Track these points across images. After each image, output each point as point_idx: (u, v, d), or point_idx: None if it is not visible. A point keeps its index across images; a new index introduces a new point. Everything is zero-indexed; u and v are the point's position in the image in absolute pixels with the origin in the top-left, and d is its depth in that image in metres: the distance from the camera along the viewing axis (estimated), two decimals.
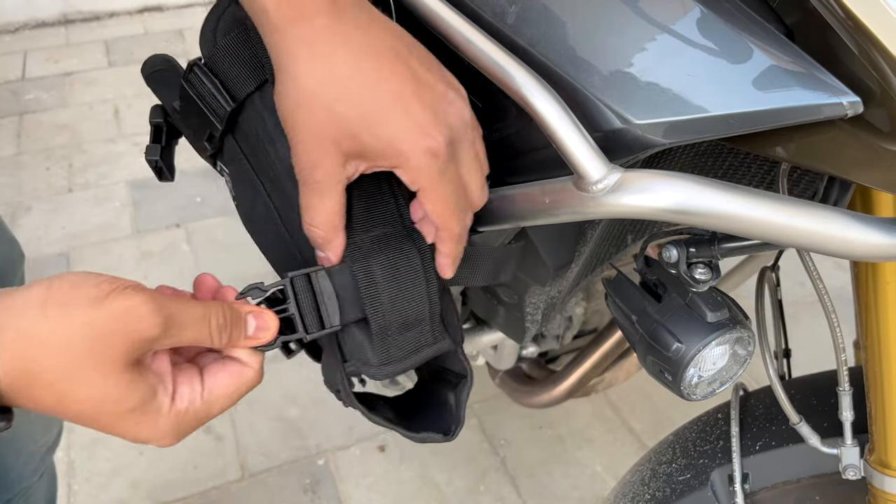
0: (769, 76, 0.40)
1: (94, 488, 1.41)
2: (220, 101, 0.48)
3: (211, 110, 0.48)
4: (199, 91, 0.48)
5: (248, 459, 1.46)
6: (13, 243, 0.81)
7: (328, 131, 0.41)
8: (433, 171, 0.42)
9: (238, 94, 0.48)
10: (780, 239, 0.40)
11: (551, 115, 0.41)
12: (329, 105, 0.40)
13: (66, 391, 0.36)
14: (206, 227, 2.07)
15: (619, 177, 0.41)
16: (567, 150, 0.41)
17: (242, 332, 0.44)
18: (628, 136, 0.43)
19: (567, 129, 0.41)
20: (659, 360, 0.52)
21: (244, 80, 0.47)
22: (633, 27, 0.43)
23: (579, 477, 1.43)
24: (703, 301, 0.51)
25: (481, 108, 0.49)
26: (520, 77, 0.42)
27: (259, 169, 0.49)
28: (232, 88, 0.48)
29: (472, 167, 0.45)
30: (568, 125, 0.41)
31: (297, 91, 0.40)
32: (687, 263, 0.50)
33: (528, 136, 0.47)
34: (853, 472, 0.60)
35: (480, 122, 0.50)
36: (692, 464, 0.73)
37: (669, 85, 0.42)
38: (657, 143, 0.42)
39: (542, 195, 0.45)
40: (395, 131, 0.41)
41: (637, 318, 0.53)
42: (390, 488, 1.41)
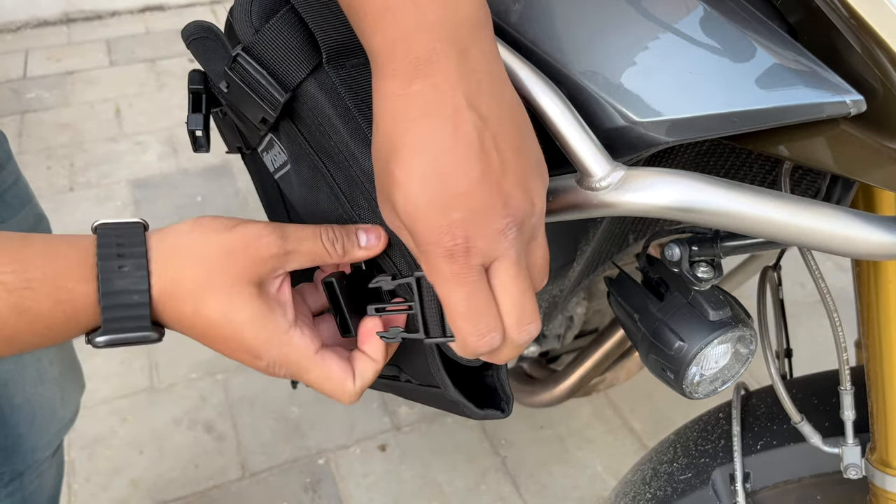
0: (772, 74, 0.40)
1: (95, 487, 1.41)
2: (270, 92, 0.45)
3: (262, 98, 0.46)
4: (245, 80, 0.45)
5: (249, 458, 1.46)
6: (41, 218, 0.82)
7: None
8: (445, 271, 0.37)
9: (289, 83, 0.45)
10: (783, 237, 0.40)
11: (555, 113, 0.42)
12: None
13: (201, 299, 0.41)
14: None
15: (622, 174, 0.41)
16: (571, 148, 0.41)
17: (355, 243, 0.46)
18: (631, 134, 0.43)
19: (571, 126, 0.41)
20: (661, 359, 0.52)
21: (295, 67, 0.45)
22: (636, 25, 0.43)
23: (580, 477, 1.43)
24: (705, 299, 0.51)
25: None
26: (524, 75, 0.42)
27: (321, 151, 0.48)
28: (282, 76, 0.45)
29: (508, 282, 0.38)
30: (572, 123, 0.41)
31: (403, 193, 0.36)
32: (689, 262, 0.51)
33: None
34: (854, 472, 0.60)
35: None
36: (693, 463, 0.73)
37: (673, 83, 0.42)
38: (660, 142, 0.42)
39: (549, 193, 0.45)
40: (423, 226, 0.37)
41: (639, 316, 0.54)
42: (391, 488, 1.41)
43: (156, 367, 1.65)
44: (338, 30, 0.44)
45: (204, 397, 1.58)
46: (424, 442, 1.49)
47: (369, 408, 1.56)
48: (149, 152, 2.38)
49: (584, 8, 0.44)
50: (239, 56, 0.45)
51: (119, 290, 0.39)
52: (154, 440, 1.50)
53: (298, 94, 0.46)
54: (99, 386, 1.60)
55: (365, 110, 0.45)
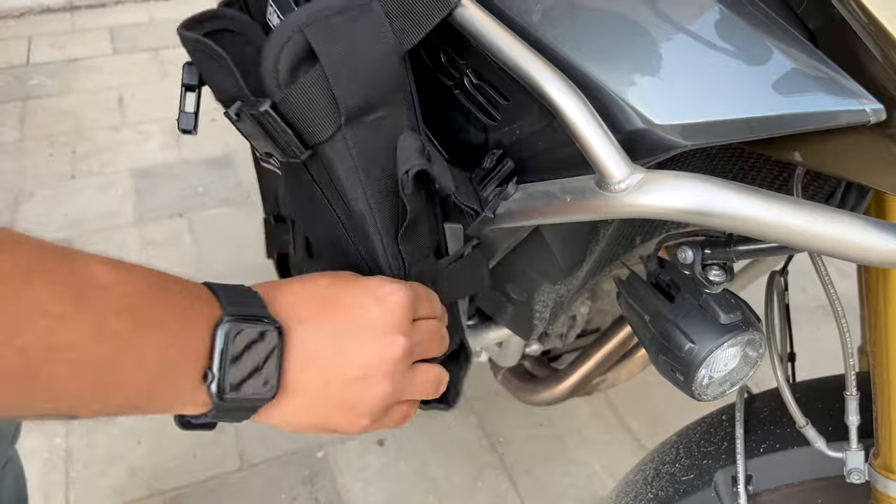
0: (792, 81, 0.41)
1: (93, 475, 1.41)
2: (290, 147, 0.45)
3: (279, 147, 0.46)
4: (265, 128, 0.45)
5: (247, 450, 1.46)
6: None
7: None
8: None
9: (309, 142, 0.45)
10: (798, 243, 0.41)
11: (576, 115, 0.42)
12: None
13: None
14: (208, 217, 2.07)
15: (641, 177, 0.41)
16: (591, 150, 0.42)
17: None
18: (650, 137, 0.43)
19: (591, 128, 0.42)
20: (671, 360, 0.52)
21: (317, 131, 0.45)
22: (657, 29, 0.43)
23: (577, 476, 1.44)
24: (716, 302, 0.51)
25: (507, 104, 0.50)
26: (545, 76, 0.43)
27: (330, 196, 0.49)
28: (303, 135, 0.45)
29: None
30: (592, 125, 0.42)
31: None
32: (702, 265, 0.51)
33: (550, 134, 0.48)
34: (857, 476, 0.60)
35: (504, 119, 0.50)
36: (696, 464, 0.73)
37: (693, 87, 0.42)
38: (679, 145, 0.42)
39: (562, 193, 0.45)
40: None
41: (650, 317, 0.54)
42: (388, 482, 1.41)
43: None
44: (359, 92, 0.44)
45: None
46: (422, 437, 1.50)
47: None
48: (151, 142, 2.37)
49: (606, 10, 0.44)
50: (267, 112, 0.43)
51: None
52: (152, 429, 1.50)
53: (316, 151, 0.47)
54: None
55: (373, 173, 0.47)
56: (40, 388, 0.32)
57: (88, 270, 0.34)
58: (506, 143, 0.51)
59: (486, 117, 0.51)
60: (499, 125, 0.51)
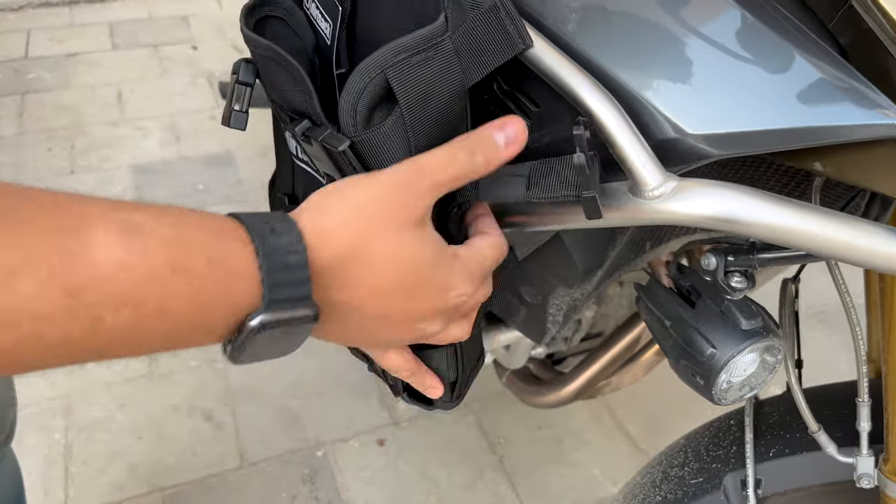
0: (823, 93, 0.42)
1: (92, 471, 1.41)
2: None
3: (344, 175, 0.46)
4: (336, 160, 0.45)
5: (248, 448, 1.46)
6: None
7: None
8: None
9: None
10: (826, 252, 0.42)
11: (612, 123, 0.43)
12: None
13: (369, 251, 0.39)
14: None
15: (675, 185, 0.42)
16: (626, 157, 0.43)
17: (495, 147, 0.44)
18: (682, 146, 0.44)
19: (627, 137, 0.43)
20: (692, 365, 0.53)
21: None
22: (689, 39, 0.44)
23: (576, 478, 1.45)
24: (738, 309, 0.52)
25: (536, 111, 0.51)
26: (583, 85, 0.43)
27: None
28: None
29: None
30: (627, 133, 0.43)
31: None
32: (724, 271, 0.52)
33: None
34: (867, 481, 0.62)
35: (534, 125, 0.51)
36: (705, 468, 0.74)
37: (725, 97, 0.43)
38: (711, 155, 0.43)
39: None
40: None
41: (671, 323, 0.55)
42: (388, 482, 1.42)
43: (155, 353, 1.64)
44: (429, 131, 0.45)
45: (203, 385, 1.58)
46: (422, 437, 1.50)
47: (368, 402, 1.57)
48: (150, 138, 2.37)
49: (639, 20, 0.45)
50: (346, 151, 0.43)
51: (275, 248, 0.35)
52: (152, 426, 1.50)
53: None
54: (97, 370, 1.60)
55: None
56: (37, 367, 0.31)
57: (88, 254, 0.31)
58: (532, 147, 0.52)
59: None
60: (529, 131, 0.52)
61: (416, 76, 0.42)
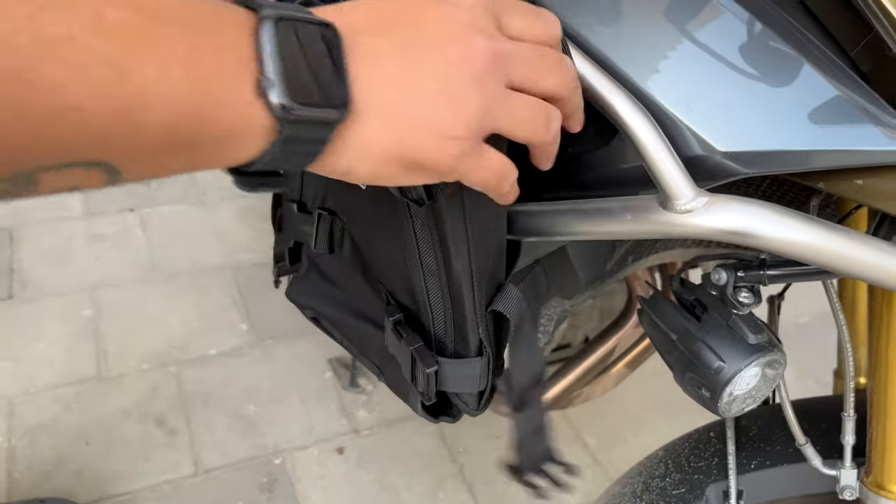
0: (849, 118, 0.43)
1: (37, 476, 1.35)
2: (420, 197, 0.45)
3: (402, 191, 0.45)
4: None
5: (203, 455, 1.42)
6: None
7: None
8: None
9: (433, 192, 0.45)
10: (851, 272, 0.43)
11: (646, 137, 0.43)
12: None
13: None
14: (160, 213, 2.01)
15: (706, 200, 0.43)
16: (659, 171, 0.43)
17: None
18: (709, 163, 0.45)
19: (661, 152, 0.43)
20: (698, 377, 0.54)
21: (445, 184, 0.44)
22: (722, 60, 0.45)
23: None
24: (744, 323, 0.54)
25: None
26: (619, 100, 0.44)
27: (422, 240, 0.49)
28: (431, 187, 0.44)
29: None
30: (662, 149, 0.43)
31: None
32: (733, 287, 0.53)
33: (604, 153, 0.49)
34: (850, 493, 0.64)
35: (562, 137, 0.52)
36: (687, 479, 0.76)
37: (754, 117, 0.44)
38: (739, 172, 0.44)
39: (622, 211, 0.47)
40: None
41: (678, 336, 0.56)
42: (348, 490, 1.40)
43: (104, 355, 1.59)
44: None
45: (155, 389, 1.54)
46: (382, 446, 1.49)
47: (328, 409, 1.55)
48: None
49: (673, 39, 0.46)
50: None
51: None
52: (101, 431, 1.44)
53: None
54: (42, 372, 1.53)
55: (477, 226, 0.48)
56: (45, 103, 0.26)
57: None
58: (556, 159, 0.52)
59: None
60: None
61: None
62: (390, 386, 0.63)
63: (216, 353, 1.63)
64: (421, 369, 0.52)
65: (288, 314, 1.74)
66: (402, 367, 0.56)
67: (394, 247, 0.52)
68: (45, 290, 1.73)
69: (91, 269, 1.80)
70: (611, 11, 0.47)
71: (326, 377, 1.62)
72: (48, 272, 1.78)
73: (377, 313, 0.61)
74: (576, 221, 0.50)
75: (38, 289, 1.73)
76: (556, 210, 0.51)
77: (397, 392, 0.62)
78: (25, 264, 1.79)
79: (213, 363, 1.61)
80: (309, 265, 0.68)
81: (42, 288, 1.73)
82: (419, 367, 0.53)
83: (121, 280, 1.78)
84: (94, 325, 1.66)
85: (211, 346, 1.65)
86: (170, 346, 1.64)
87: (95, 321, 1.67)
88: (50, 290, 1.73)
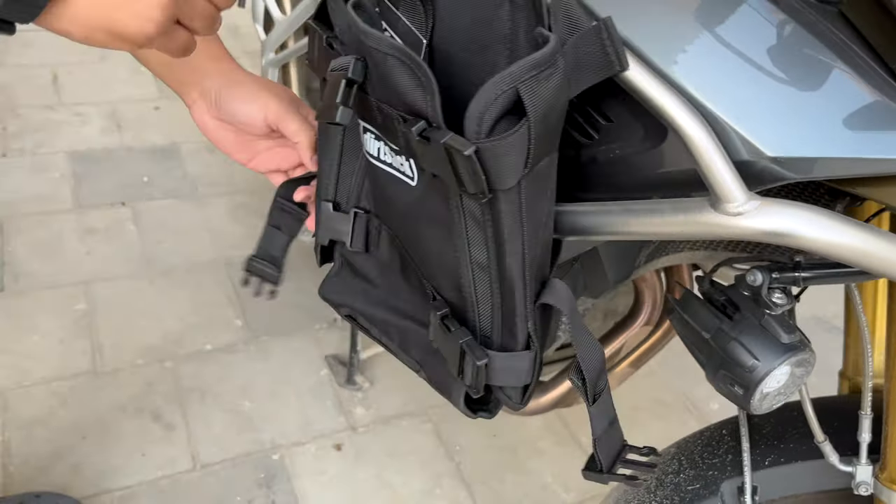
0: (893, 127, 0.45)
1: (33, 471, 1.34)
2: (479, 190, 0.46)
3: (461, 183, 0.46)
4: (456, 165, 0.45)
5: (200, 450, 1.42)
6: None
7: None
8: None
9: (493, 187, 0.46)
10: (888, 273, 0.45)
11: (702, 143, 0.45)
12: None
13: None
14: (153, 208, 2.00)
15: (758, 204, 0.45)
16: (712, 174, 0.45)
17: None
18: (758, 167, 0.47)
19: (715, 154, 0.45)
20: (732, 375, 0.56)
21: (509, 177, 0.45)
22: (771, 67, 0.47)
23: (530, 486, 1.47)
24: (778, 323, 0.55)
25: (608, 125, 0.52)
26: (674, 105, 0.46)
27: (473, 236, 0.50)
28: (493, 181, 0.45)
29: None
30: (715, 152, 0.45)
31: None
32: (768, 288, 0.55)
33: (655, 156, 0.51)
34: (865, 489, 0.66)
35: (603, 138, 0.53)
36: (701, 475, 0.78)
37: (803, 123, 0.46)
38: (786, 177, 0.46)
39: (674, 212, 0.48)
40: None
41: (711, 335, 0.58)
42: (347, 487, 1.41)
43: (99, 349, 1.58)
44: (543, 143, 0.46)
45: (151, 384, 1.53)
46: (380, 443, 1.50)
47: (324, 405, 1.55)
48: (89, 125, 2.27)
49: (723, 45, 0.48)
50: (471, 156, 0.43)
51: None
52: (97, 426, 1.43)
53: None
54: (35, 366, 1.52)
55: (531, 223, 0.49)
56: None
57: None
58: (600, 160, 0.54)
59: (581, 135, 0.54)
60: (595, 143, 0.54)
61: (543, 92, 0.43)
62: (430, 381, 0.64)
63: (211, 349, 1.63)
64: (470, 362, 0.53)
65: (282, 311, 1.74)
66: (447, 362, 0.57)
67: (443, 243, 0.53)
68: (36, 284, 1.71)
69: (83, 262, 1.79)
70: (663, 22, 0.49)
71: (322, 374, 1.62)
72: (39, 265, 1.76)
73: (418, 310, 0.62)
74: (624, 221, 0.51)
75: (29, 282, 1.71)
76: (602, 210, 0.53)
77: (438, 387, 0.63)
78: (15, 257, 1.77)
79: (209, 359, 1.61)
80: (342, 264, 0.68)
81: (34, 281, 1.71)
82: (468, 360, 0.54)
83: (114, 274, 1.77)
84: (88, 320, 1.64)
85: (206, 341, 1.64)
86: (165, 341, 1.63)
87: (89, 315, 1.65)
88: (42, 283, 1.71)
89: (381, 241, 0.64)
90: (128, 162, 2.15)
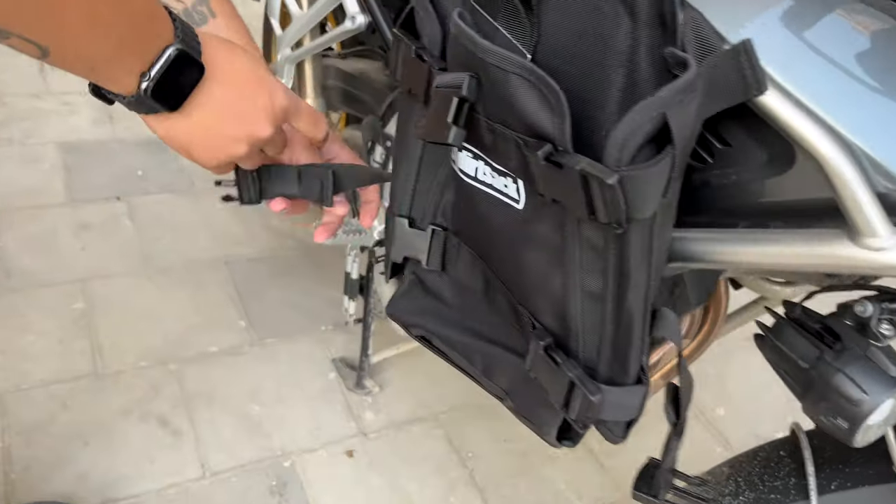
0: None
1: (35, 479, 1.28)
2: (614, 219, 0.43)
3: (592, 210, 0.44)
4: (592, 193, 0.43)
5: (210, 457, 1.38)
6: None
7: None
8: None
9: (632, 217, 0.44)
10: None
11: (844, 173, 0.43)
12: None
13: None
14: (149, 203, 1.94)
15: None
16: (853, 207, 0.43)
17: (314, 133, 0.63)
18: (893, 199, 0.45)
19: (858, 187, 0.43)
20: (835, 407, 0.54)
21: (647, 207, 0.43)
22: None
23: (544, 493, 1.46)
24: (886, 355, 0.54)
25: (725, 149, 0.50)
26: (815, 133, 0.43)
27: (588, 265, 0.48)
28: (631, 211, 0.43)
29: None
30: (859, 183, 0.43)
31: None
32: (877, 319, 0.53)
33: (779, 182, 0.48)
34: None
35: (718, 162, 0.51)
36: (762, 498, 0.76)
37: None
38: None
39: (804, 243, 0.46)
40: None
41: (811, 365, 0.56)
42: (360, 494, 1.38)
43: (99, 350, 1.52)
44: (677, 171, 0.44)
45: (156, 388, 1.48)
46: (392, 449, 1.47)
47: (333, 410, 1.52)
48: (78, 115, 2.20)
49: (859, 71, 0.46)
50: (614, 185, 0.41)
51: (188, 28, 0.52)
52: (101, 431, 1.38)
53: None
54: (34, 367, 1.46)
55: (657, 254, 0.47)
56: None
57: None
58: (714, 184, 0.52)
59: (694, 159, 0.52)
60: (709, 167, 0.51)
61: (685, 118, 0.41)
62: (518, 411, 0.61)
63: (217, 351, 1.58)
64: (579, 396, 0.51)
65: (287, 311, 1.70)
66: (549, 393, 0.54)
67: (549, 269, 0.50)
68: (31, 281, 1.65)
69: (78, 259, 1.73)
70: (796, 48, 0.47)
71: (331, 377, 1.59)
72: (33, 261, 1.69)
73: (504, 335, 0.59)
74: (742, 250, 0.49)
75: (23, 279, 1.65)
76: (716, 238, 0.51)
77: (526, 417, 0.60)
78: (8, 252, 1.70)
79: (214, 361, 1.56)
80: (412, 281, 0.65)
81: (28, 278, 1.65)
82: (577, 393, 0.51)
83: (111, 272, 1.71)
84: (87, 319, 1.58)
85: (210, 343, 1.60)
86: (167, 342, 1.58)
87: (88, 315, 1.59)
88: (36, 280, 1.65)
89: (459, 260, 0.62)
90: (121, 154, 2.09)
